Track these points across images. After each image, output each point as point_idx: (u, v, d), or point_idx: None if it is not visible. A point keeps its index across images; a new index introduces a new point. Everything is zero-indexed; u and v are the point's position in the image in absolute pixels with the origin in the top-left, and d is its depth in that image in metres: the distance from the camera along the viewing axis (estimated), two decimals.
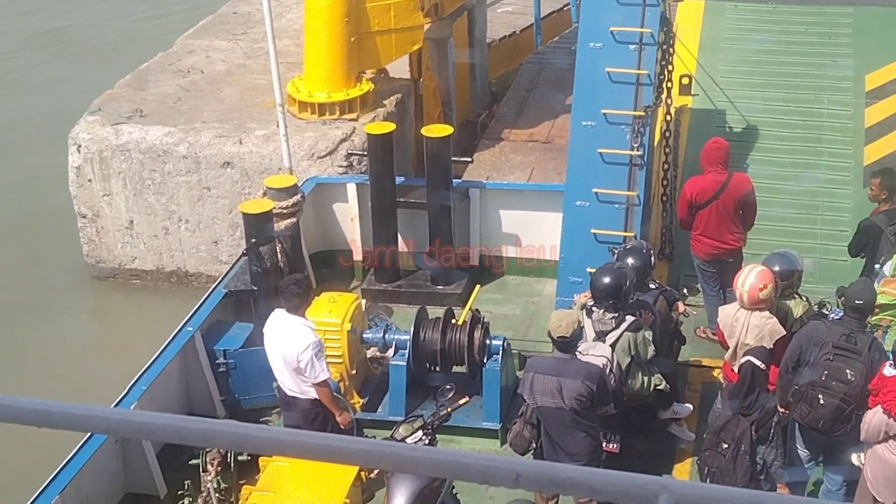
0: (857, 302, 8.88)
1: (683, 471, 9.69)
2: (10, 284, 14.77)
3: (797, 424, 8.99)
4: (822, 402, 8.57)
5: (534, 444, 8.90)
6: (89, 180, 14.54)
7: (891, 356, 8.42)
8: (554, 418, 8.56)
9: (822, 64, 14.26)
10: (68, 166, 14.54)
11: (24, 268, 15.24)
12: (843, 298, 9.18)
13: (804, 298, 9.75)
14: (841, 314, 9.10)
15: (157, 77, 15.93)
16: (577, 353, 8.92)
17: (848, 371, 8.52)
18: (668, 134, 12.26)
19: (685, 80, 12.56)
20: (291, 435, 6.07)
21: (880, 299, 9.54)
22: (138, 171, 14.35)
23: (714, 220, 11.26)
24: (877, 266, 10.18)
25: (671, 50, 11.70)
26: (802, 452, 9.17)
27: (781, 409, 8.87)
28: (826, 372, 8.56)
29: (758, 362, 8.57)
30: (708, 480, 8.81)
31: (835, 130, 13.24)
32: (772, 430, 8.54)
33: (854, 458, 8.63)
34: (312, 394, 9.22)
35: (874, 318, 9.58)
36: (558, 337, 8.70)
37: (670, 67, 11.79)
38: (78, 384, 12.94)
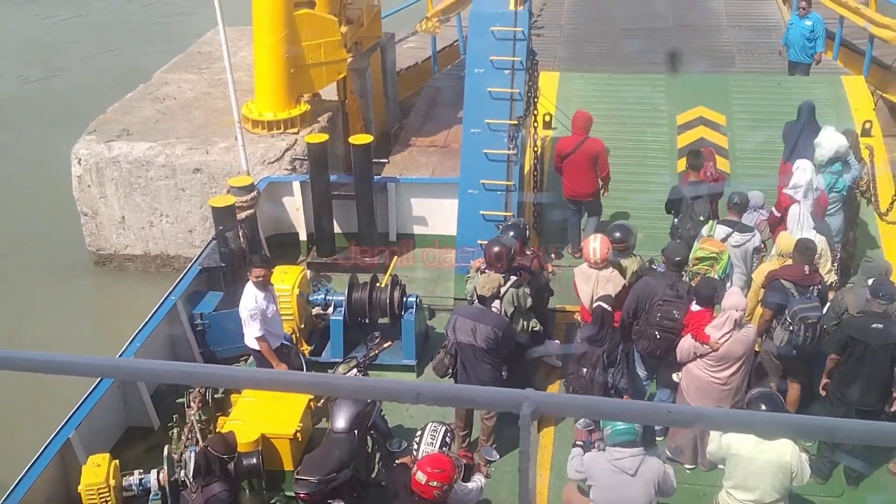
0: (676, 259, 9.18)
1: (553, 390, 9.81)
2: (30, 268, 14.60)
3: (637, 353, 9.23)
4: (658, 336, 8.81)
5: (451, 370, 9.04)
6: (89, 186, 14.33)
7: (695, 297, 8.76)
8: (467, 352, 8.73)
9: (646, 109, 14.59)
10: (71, 175, 14.31)
11: (40, 255, 15.04)
12: (664, 257, 9.43)
13: (638, 256, 9.95)
14: (664, 268, 9.35)
15: (139, 104, 15.75)
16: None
17: (675, 312, 8.72)
18: (535, 150, 12.64)
19: (547, 118, 13.23)
20: (251, 373, 6.09)
21: (698, 253, 9.79)
22: (127, 178, 14.18)
23: (573, 169, 11.92)
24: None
25: (536, 73, 11.80)
26: (641, 373, 9.52)
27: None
28: (659, 314, 8.76)
29: (606, 306, 8.73)
30: None
31: (657, 150, 13.71)
32: (618, 357, 8.71)
33: (675, 377, 8.91)
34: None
35: (694, 268, 9.80)
36: (480, 295, 8.97)
37: (536, 88, 11.94)
38: (84, 340, 12.84)
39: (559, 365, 9.51)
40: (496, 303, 9.20)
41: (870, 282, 8.76)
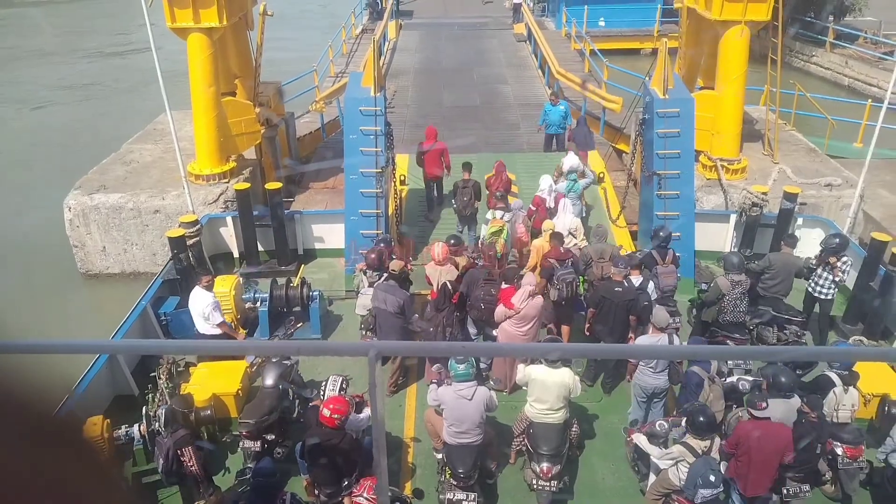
0: (489, 253, 9.36)
1: None
2: (34, 284, 13.72)
3: (470, 318, 9.33)
4: (483, 307, 8.97)
5: (372, 327, 9.04)
6: (77, 226, 13.53)
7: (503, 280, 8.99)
8: (382, 316, 8.72)
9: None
10: (64, 219, 13.51)
11: (42, 275, 14.16)
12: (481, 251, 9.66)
13: (466, 255, 10.13)
14: (482, 263, 9.55)
15: (112, 166, 14.90)
16: (362, 292, 9.12)
17: (492, 290, 8.92)
18: (396, 197, 12.63)
19: (402, 178, 13.44)
20: (205, 343, 5.96)
21: (492, 229, 10.67)
22: (106, 219, 13.46)
23: (429, 160, 13.02)
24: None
25: (391, 138, 11.82)
26: (472, 331, 9.50)
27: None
28: (482, 292, 8.96)
29: (449, 286, 8.82)
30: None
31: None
32: (454, 321, 8.69)
33: (493, 332, 9.08)
34: (213, 330, 9.04)
35: (489, 240, 10.58)
36: (391, 272, 9.04)
37: (393, 148, 11.97)
38: (79, 333, 12.10)
39: (419, 330, 9.63)
40: (372, 291, 9.21)
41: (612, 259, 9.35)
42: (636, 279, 9.14)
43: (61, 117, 23.76)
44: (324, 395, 7.49)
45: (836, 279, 9.71)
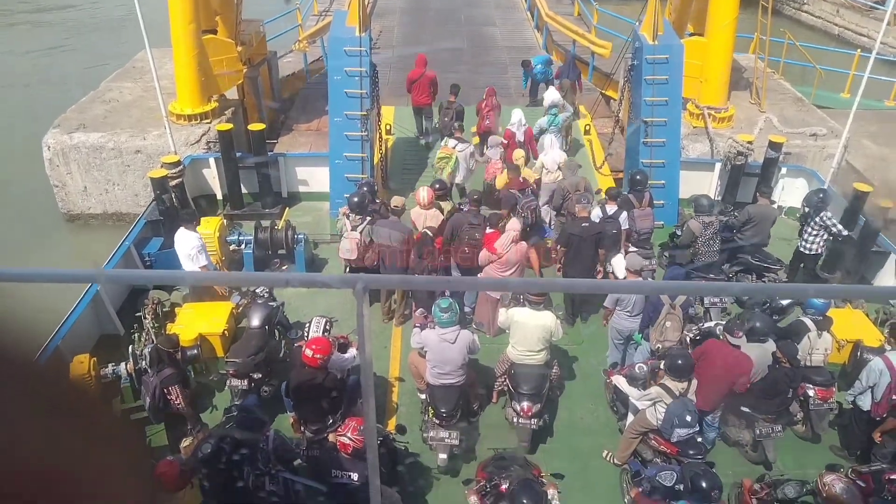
0: (474, 198, 9.32)
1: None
2: (19, 225, 13.54)
3: (454, 263, 9.35)
4: (467, 251, 9.00)
5: (376, 263, 9.16)
6: (57, 166, 13.31)
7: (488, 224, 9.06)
8: (387, 252, 8.83)
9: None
10: (43, 159, 13.27)
11: (25, 216, 13.99)
12: (468, 199, 9.64)
13: (450, 201, 10.15)
14: (467, 208, 9.49)
15: (91, 105, 14.59)
16: (345, 236, 9.10)
17: (476, 234, 8.97)
18: (381, 145, 12.45)
19: (388, 127, 13.26)
20: (196, 274, 5.97)
21: (439, 154, 11.50)
22: (86, 159, 13.24)
23: (418, 88, 13.51)
24: None
25: (377, 78, 11.64)
26: (456, 275, 9.43)
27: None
28: (467, 236, 8.98)
29: (430, 233, 8.86)
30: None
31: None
32: (439, 270, 8.77)
33: (478, 276, 9.12)
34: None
35: (436, 165, 11.38)
36: (394, 208, 9.28)
37: (378, 89, 11.78)
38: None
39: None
40: (355, 234, 9.21)
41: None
42: (611, 209, 9.52)
43: (35, 55, 23.06)
44: (308, 336, 7.58)
45: (834, 233, 9.67)
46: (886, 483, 6.30)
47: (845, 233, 9.72)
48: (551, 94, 12.69)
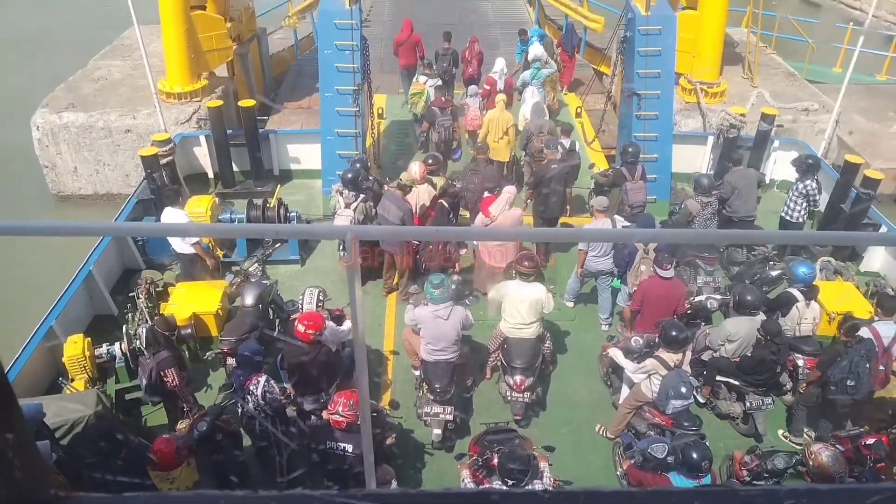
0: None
1: None
2: (9, 206, 13.33)
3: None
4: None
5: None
6: (47, 146, 13.19)
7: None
8: (387, 222, 8.82)
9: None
10: (32, 139, 13.12)
11: (15, 197, 13.81)
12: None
13: (442, 175, 10.12)
14: (459, 185, 9.55)
15: (79, 84, 14.42)
16: (339, 213, 9.06)
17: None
18: (372, 125, 12.36)
19: (379, 111, 13.02)
20: (190, 225, 5.89)
21: (412, 90, 12.82)
22: (76, 139, 13.11)
23: (405, 50, 14.04)
24: None
25: (367, 53, 11.47)
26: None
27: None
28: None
29: (445, 204, 8.99)
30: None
31: None
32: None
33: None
34: (189, 249, 8.99)
35: (410, 99, 12.83)
36: (399, 185, 9.29)
37: (369, 63, 11.63)
38: (54, 252, 11.76)
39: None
40: (349, 212, 9.16)
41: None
42: (566, 141, 10.48)
43: (17, 27, 22.72)
44: (302, 308, 7.59)
45: (811, 201, 9.73)
46: (863, 447, 6.46)
47: (818, 203, 9.92)
48: (536, 49, 13.21)
